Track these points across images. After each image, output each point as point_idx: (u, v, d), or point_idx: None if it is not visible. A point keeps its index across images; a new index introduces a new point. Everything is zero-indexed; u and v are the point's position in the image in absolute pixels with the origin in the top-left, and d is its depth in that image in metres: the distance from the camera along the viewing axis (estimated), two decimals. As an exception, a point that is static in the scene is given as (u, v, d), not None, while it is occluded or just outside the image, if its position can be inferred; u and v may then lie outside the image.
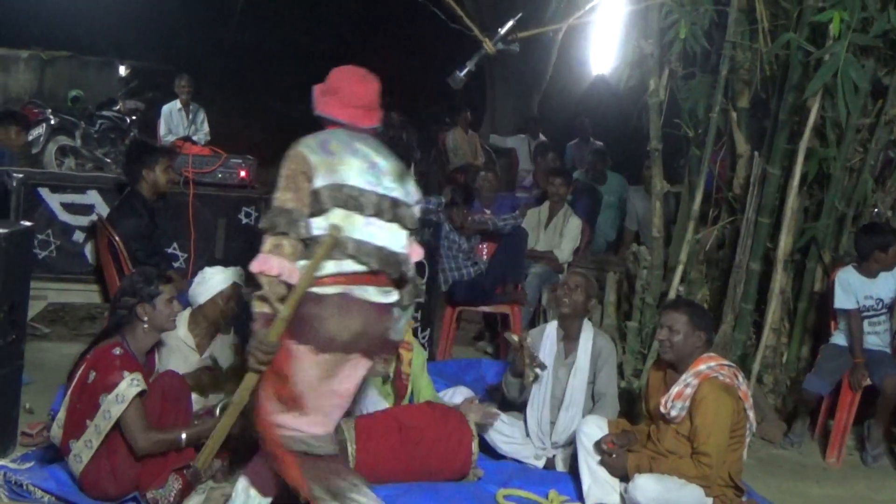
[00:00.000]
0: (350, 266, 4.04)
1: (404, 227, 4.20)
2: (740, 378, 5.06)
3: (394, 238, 4.16)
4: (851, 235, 6.72)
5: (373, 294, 4.10)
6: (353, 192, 4.05)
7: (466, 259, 7.75)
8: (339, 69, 4.33)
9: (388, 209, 4.14)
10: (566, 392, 5.67)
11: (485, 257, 8.00)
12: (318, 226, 4.01)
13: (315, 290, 4.00)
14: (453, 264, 7.71)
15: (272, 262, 3.97)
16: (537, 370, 5.55)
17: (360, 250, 4.04)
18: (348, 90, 4.27)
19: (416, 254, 4.31)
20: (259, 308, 3.98)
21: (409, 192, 4.24)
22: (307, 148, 4.09)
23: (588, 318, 5.92)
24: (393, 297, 4.17)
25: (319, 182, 4.02)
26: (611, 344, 5.84)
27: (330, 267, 4.01)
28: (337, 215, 4.02)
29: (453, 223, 7.77)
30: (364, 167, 4.12)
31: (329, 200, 4.01)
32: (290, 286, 3.94)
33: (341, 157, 4.09)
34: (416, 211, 4.27)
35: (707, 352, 5.07)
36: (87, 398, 4.62)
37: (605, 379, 5.68)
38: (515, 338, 5.64)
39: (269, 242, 4.00)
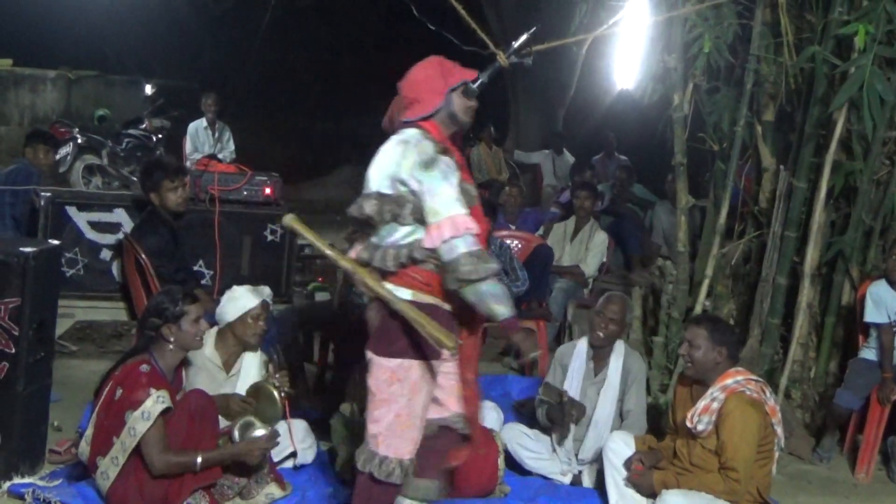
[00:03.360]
0: None
1: None
2: (768, 393, 5.02)
3: None
4: (879, 249, 6.68)
5: None
6: None
7: (490, 274, 7.72)
8: None
9: None
10: (595, 410, 5.65)
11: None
12: None
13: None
14: (477, 279, 7.68)
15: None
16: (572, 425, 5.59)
17: None
18: None
19: None
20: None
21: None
22: None
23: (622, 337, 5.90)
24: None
25: None
26: (641, 362, 5.81)
27: None
28: None
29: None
30: None
31: None
32: None
33: None
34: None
35: (734, 367, 5.04)
36: (113, 415, 4.64)
37: (634, 396, 5.66)
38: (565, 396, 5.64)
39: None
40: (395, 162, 4.14)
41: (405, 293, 4.15)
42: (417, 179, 4.07)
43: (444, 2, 4.75)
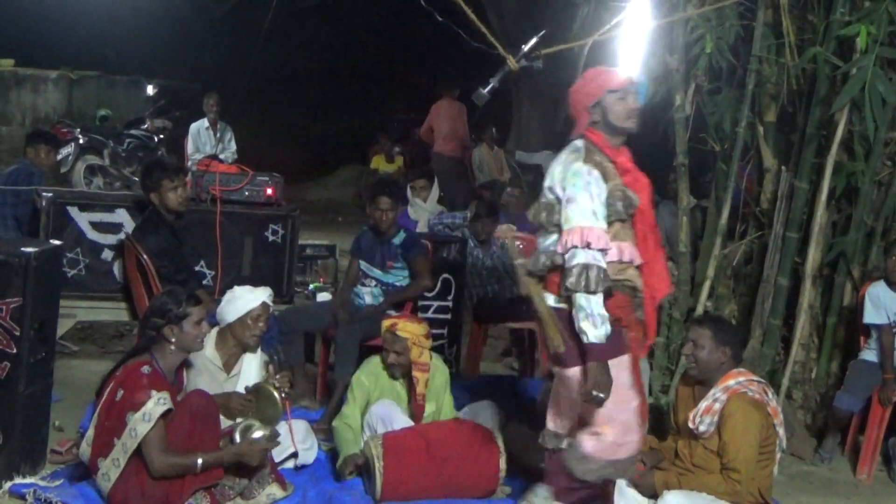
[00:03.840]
0: None
1: None
2: (770, 394, 5.02)
3: None
4: (880, 250, 6.67)
5: None
6: None
7: (490, 276, 7.74)
8: None
9: None
10: None
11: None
12: None
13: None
14: (477, 281, 7.70)
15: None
16: None
17: None
18: None
19: None
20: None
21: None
22: None
23: None
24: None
25: None
26: (644, 362, 5.81)
27: None
28: None
29: (478, 238, 7.78)
30: None
31: None
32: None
33: None
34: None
35: (736, 367, 5.04)
36: (114, 416, 4.64)
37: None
38: None
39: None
40: (551, 172, 4.45)
41: (552, 299, 4.40)
42: (563, 187, 4.33)
43: (447, 3, 4.76)
